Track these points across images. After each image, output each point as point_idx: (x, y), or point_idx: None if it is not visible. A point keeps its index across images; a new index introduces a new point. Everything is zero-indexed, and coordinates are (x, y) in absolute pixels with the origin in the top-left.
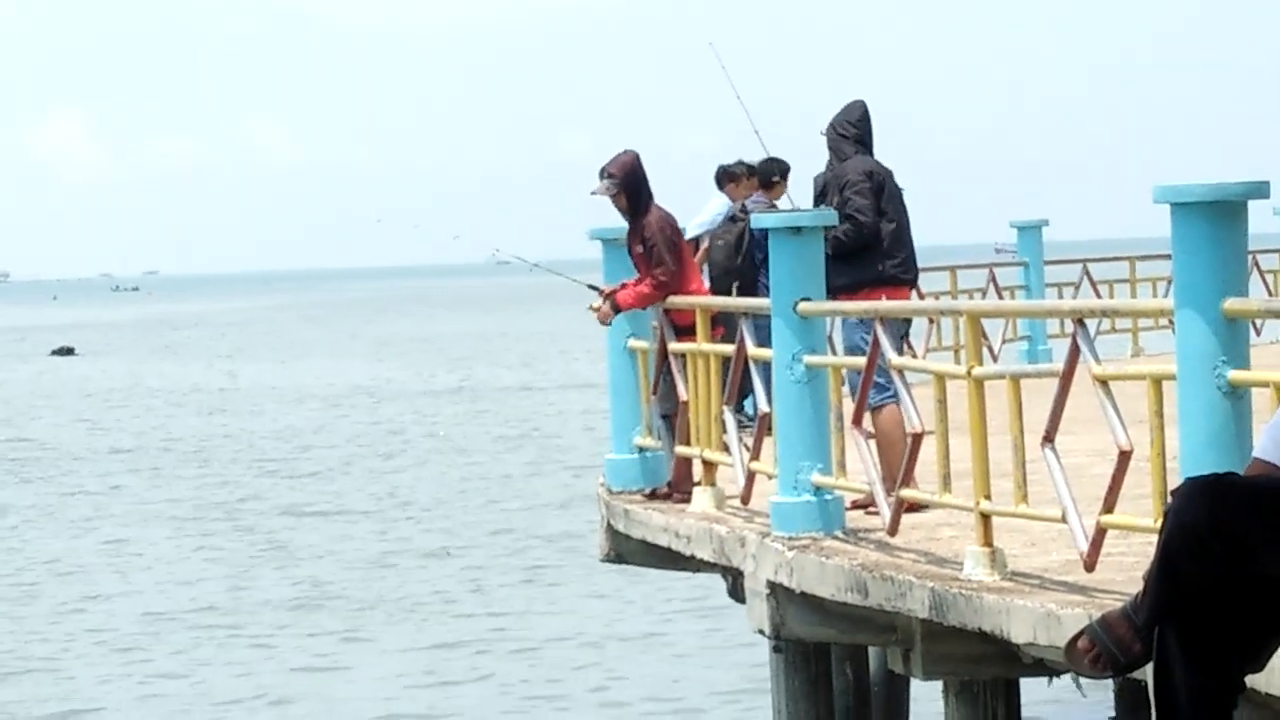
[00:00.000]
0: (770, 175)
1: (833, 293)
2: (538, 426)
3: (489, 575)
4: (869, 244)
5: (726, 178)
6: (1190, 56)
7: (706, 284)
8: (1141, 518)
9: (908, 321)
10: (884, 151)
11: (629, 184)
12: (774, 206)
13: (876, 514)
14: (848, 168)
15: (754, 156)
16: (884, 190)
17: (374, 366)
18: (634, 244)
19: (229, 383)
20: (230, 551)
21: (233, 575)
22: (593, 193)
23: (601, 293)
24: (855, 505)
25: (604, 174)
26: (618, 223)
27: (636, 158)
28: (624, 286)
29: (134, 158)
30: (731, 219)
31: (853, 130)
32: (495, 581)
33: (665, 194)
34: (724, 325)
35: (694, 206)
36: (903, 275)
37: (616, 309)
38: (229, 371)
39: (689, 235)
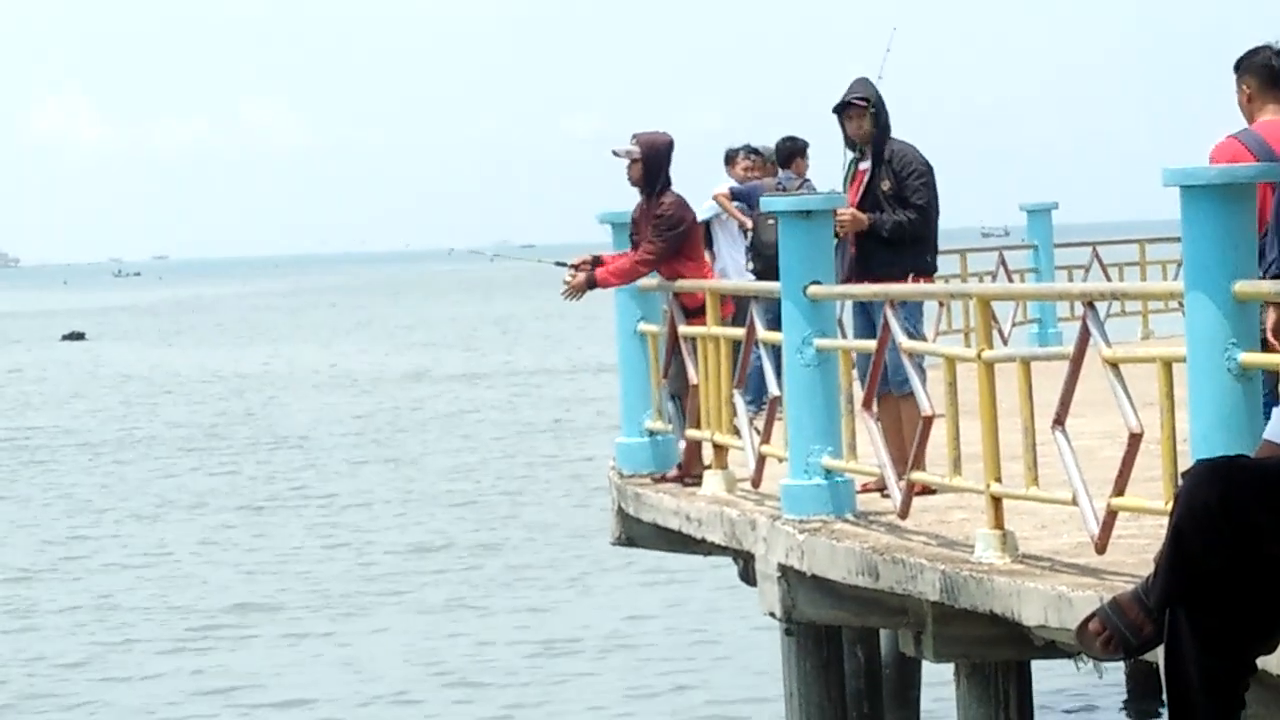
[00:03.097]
0: (789, 154)
1: (881, 280)
2: (552, 411)
3: (508, 563)
4: (925, 237)
5: (726, 160)
6: (1203, 34)
7: (756, 264)
8: (1152, 500)
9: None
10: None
11: (649, 158)
12: (806, 181)
13: (888, 497)
14: (911, 154)
15: (775, 134)
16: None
17: (390, 352)
18: (641, 219)
19: (245, 368)
20: (250, 545)
21: (257, 569)
22: (614, 151)
23: (575, 266)
24: (866, 489)
25: (633, 139)
26: (626, 206)
27: (669, 142)
28: (599, 260)
29: (139, 140)
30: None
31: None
32: (515, 569)
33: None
34: (735, 305)
35: (696, 184)
36: (935, 265)
37: (592, 285)
38: (244, 357)
39: (701, 218)
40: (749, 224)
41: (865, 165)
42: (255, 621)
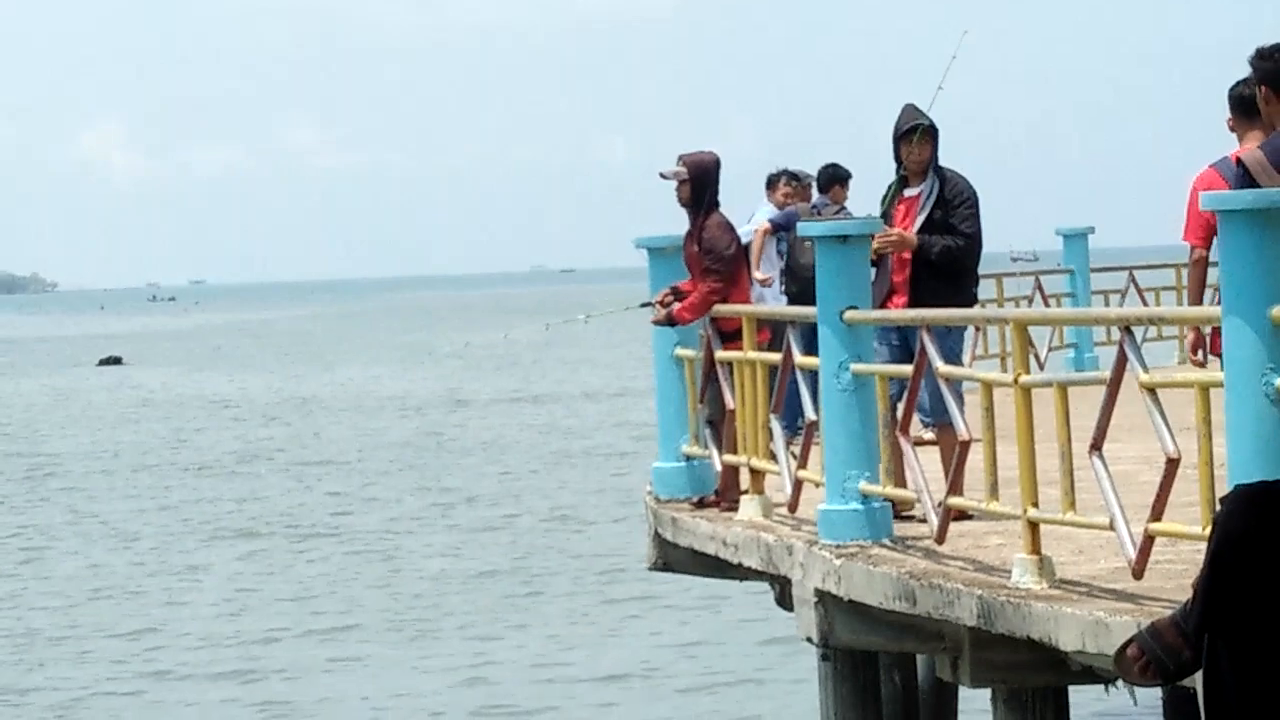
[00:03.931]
0: (830, 179)
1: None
2: (589, 436)
3: (545, 589)
4: (970, 267)
5: (767, 184)
6: (1243, 56)
7: (791, 287)
8: (1190, 525)
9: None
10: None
11: (697, 177)
12: (843, 208)
13: (924, 521)
14: (963, 183)
15: (812, 159)
16: None
17: (429, 376)
18: (690, 243)
19: (284, 393)
20: (291, 571)
21: (298, 595)
22: (661, 173)
23: (659, 302)
24: (899, 514)
25: (679, 160)
26: (661, 230)
27: (716, 161)
28: (675, 289)
29: (175, 165)
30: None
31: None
32: (552, 595)
33: None
34: (770, 330)
35: (731, 209)
36: (976, 296)
37: (672, 322)
38: (282, 382)
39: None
40: (767, 279)
41: (912, 191)
42: (298, 648)
